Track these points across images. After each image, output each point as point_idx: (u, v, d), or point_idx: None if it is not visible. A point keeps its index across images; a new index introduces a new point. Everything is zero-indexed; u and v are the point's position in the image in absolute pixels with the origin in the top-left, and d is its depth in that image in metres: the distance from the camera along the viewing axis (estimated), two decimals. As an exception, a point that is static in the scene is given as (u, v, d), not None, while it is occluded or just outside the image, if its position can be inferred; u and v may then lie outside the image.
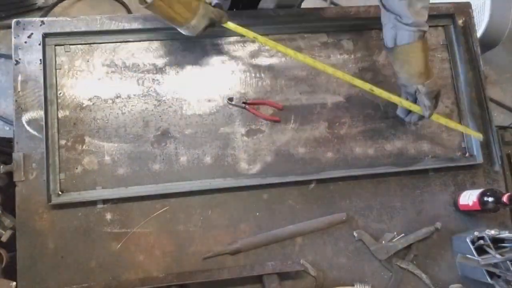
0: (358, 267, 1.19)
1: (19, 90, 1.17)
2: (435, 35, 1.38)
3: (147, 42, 1.24)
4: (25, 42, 1.19)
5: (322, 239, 1.19)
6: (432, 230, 1.21)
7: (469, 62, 1.36)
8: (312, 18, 1.33)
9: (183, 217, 1.16)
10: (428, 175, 1.28)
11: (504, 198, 1.09)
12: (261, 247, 1.16)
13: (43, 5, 2.42)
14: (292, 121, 1.26)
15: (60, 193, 1.13)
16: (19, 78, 1.17)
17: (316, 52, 1.31)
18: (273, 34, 1.29)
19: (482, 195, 1.15)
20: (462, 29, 1.38)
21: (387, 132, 1.29)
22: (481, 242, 1.12)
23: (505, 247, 1.11)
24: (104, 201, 1.14)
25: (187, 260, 1.14)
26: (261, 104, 1.25)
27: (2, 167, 1.12)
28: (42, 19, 1.21)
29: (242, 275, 1.10)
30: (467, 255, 1.16)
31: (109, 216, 1.13)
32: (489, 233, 1.11)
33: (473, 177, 1.30)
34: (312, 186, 1.22)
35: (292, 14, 1.31)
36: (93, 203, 1.13)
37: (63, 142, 1.16)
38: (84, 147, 1.16)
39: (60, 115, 1.17)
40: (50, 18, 1.22)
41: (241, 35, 1.17)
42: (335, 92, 1.29)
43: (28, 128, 1.15)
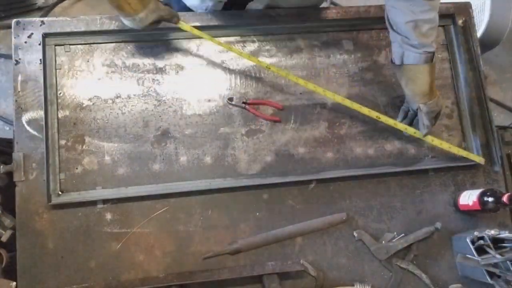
0: (358, 267, 1.19)
1: (19, 90, 1.17)
2: (435, 35, 1.38)
3: (147, 42, 1.24)
4: (25, 42, 1.19)
5: (322, 239, 1.19)
6: (432, 230, 1.20)
7: (469, 62, 1.35)
8: (312, 18, 1.33)
9: (183, 217, 1.16)
10: (428, 175, 1.28)
11: (504, 198, 1.08)
12: (261, 247, 1.16)
13: (43, 5, 2.41)
14: (292, 121, 1.26)
15: (60, 193, 1.12)
16: (19, 78, 1.17)
17: (316, 52, 1.31)
18: (273, 34, 1.30)
19: (482, 195, 1.15)
20: (462, 29, 1.38)
21: (387, 132, 1.28)
22: (481, 242, 1.12)
23: (505, 247, 1.10)
24: (104, 201, 1.13)
25: (187, 260, 1.13)
26: (261, 104, 1.25)
27: (2, 167, 1.11)
28: (42, 19, 1.21)
29: (242, 275, 1.10)
30: (467, 255, 1.16)
31: (109, 216, 1.13)
32: (489, 233, 1.11)
33: (473, 177, 1.29)
34: (312, 186, 1.22)
35: (292, 14, 1.31)
36: (93, 203, 1.13)
37: (63, 142, 1.16)
38: (84, 147, 1.16)
39: (60, 115, 1.17)
40: (50, 18, 1.22)
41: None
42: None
43: (28, 128, 1.15)
